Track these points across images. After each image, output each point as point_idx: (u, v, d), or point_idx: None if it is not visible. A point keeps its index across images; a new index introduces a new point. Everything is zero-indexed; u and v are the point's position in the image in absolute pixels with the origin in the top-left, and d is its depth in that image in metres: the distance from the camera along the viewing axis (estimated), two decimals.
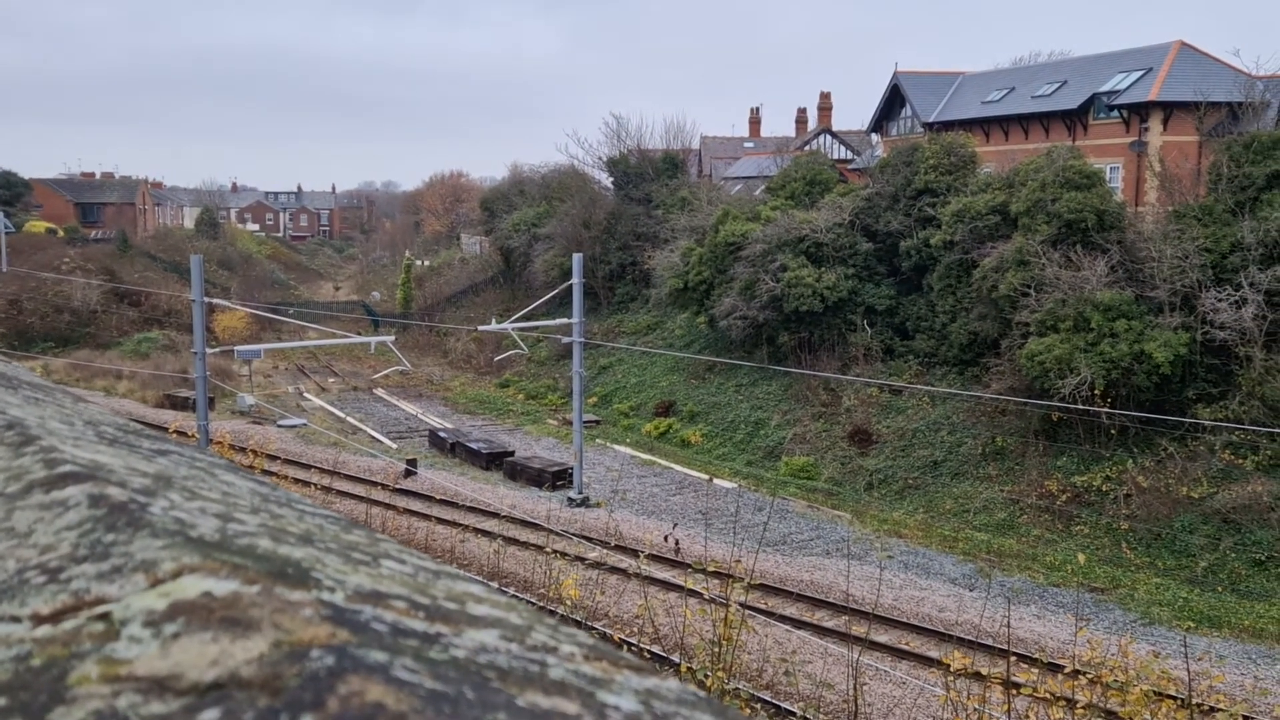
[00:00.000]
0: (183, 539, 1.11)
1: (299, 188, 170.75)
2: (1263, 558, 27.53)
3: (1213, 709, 16.45)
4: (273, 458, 31.64)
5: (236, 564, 1.04)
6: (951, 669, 12.22)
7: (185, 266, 57.44)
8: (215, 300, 39.87)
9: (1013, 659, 13.62)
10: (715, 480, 36.82)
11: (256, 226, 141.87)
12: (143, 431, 2.17)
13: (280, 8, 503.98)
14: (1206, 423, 30.21)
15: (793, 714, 19.05)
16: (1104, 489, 31.13)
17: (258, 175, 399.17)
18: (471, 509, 32.74)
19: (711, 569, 11.47)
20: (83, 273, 68.98)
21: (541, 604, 19.18)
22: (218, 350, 34.71)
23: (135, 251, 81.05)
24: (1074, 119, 47.37)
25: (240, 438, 34.59)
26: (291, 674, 0.82)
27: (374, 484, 35.55)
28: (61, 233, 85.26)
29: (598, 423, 44.39)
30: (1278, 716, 15.22)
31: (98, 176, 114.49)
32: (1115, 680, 11.84)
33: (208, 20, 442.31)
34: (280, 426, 40.62)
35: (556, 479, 36.22)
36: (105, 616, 0.96)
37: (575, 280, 33.06)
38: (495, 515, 31.41)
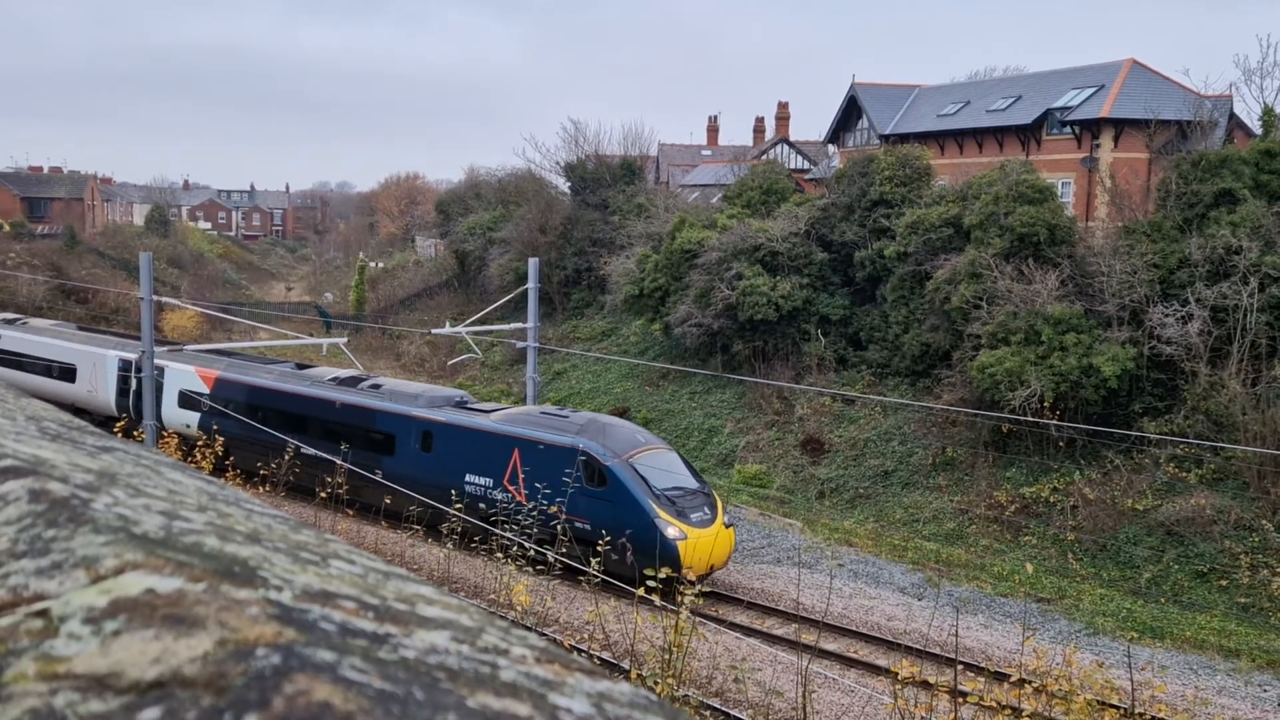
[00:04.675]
0: (126, 535, 1.09)
1: (252, 186, 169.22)
2: (1205, 570, 27.96)
3: (1154, 718, 16.68)
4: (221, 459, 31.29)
5: (181, 561, 1.02)
6: (900, 677, 12.30)
7: (134, 264, 56.65)
8: (165, 299, 39.48)
9: (960, 668, 13.75)
10: None
11: (209, 225, 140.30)
12: (87, 428, 2.13)
13: (241, 9, 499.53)
14: (1152, 436, 30.66)
15: None
16: (1052, 500, 31.49)
17: (211, 174, 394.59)
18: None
19: (664, 575, 11.46)
20: (29, 269, 67.88)
21: (492, 609, 19.10)
22: (166, 350, 34.43)
23: (83, 248, 79.85)
24: (1027, 134, 47.98)
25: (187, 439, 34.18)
26: (236, 673, 0.80)
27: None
28: (7, 227, 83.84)
29: None
30: None
31: (45, 171, 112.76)
32: (1060, 689, 11.97)
33: (167, 20, 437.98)
34: None
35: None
36: (44, 613, 0.94)
37: (530, 285, 32.97)
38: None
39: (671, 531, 25.16)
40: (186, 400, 35.76)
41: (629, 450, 26.64)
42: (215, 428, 32.94)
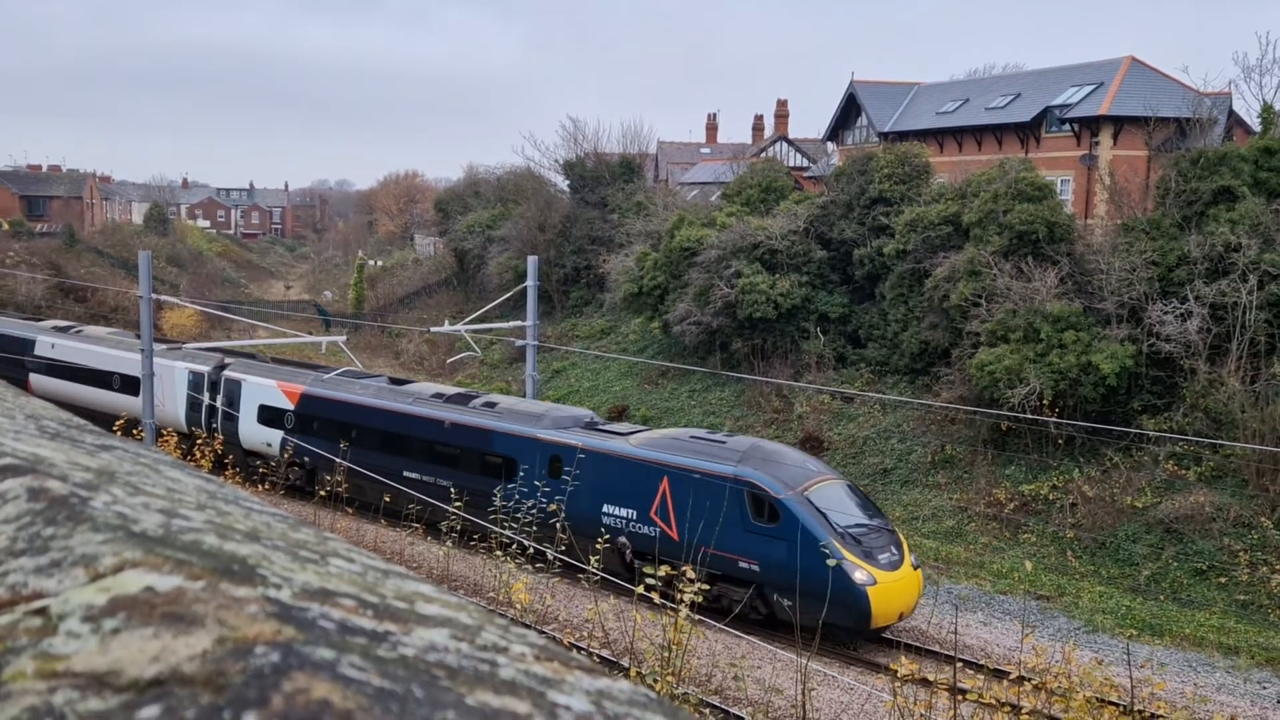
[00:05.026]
0: (125, 534, 1.09)
1: (251, 185, 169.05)
2: (1203, 567, 27.97)
3: (1154, 715, 16.69)
4: (219, 457, 31.30)
5: (180, 559, 1.02)
6: (899, 675, 12.31)
7: (133, 262, 56.65)
8: (164, 297, 39.38)
9: (959, 665, 13.76)
10: None
11: (208, 223, 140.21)
12: (86, 426, 2.13)
13: (240, 7, 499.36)
14: (1151, 434, 30.66)
15: (741, 719, 19.09)
16: (1051, 498, 31.50)
17: (210, 172, 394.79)
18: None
19: (663, 573, 11.47)
20: (28, 267, 67.85)
21: (492, 607, 19.08)
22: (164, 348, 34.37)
23: (82, 246, 79.83)
24: (1026, 131, 47.97)
25: (186, 438, 34.20)
26: (235, 671, 0.80)
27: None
28: (6, 226, 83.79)
29: None
30: None
31: (44, 169, 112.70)
32: (1059, 687, 11.98)
33: (167, 18, 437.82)
34: None
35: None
36: (43, 611, 0.94)
37: (530, 283, 32.98)
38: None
39: (860, 576, 22.33)
40: (267, 417, 33.71)
41: (803, 482, 23.81)
42: (299, 448, 31.81)
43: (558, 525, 24.67)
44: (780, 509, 23.11)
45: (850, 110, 58.86)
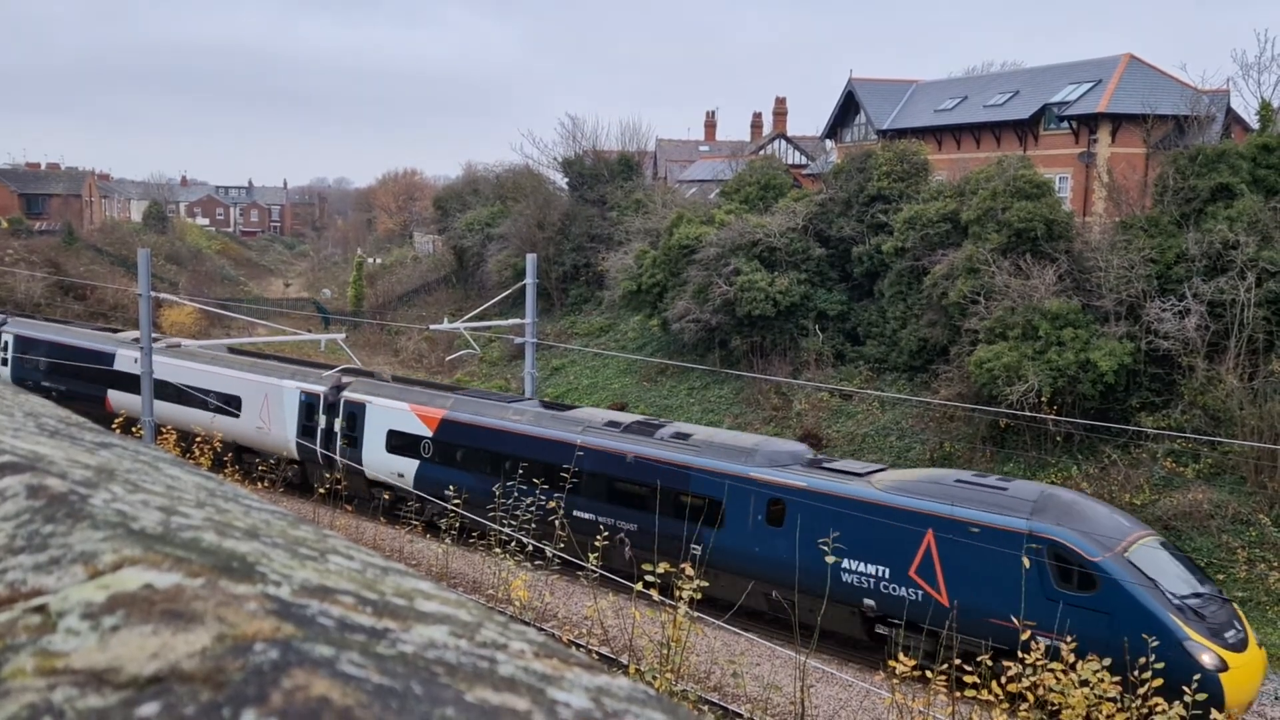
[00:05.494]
0: (124, 531, 1.09)
1: (250, 183, 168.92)
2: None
3: (1151, 711, 16.70)
4: (218, 455, 31.29)
5: (180, 557, 1.02)
6: (897, 672, 12.32)
7: (132, 260, 56.63)
8: (163, 295, 39.31)
9: (957, 661, 13.76)
10: None
11: (206, 221, 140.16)
12: (85, 424, 2.13)
13: (239, 5, 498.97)
14: (1149, 431, 30.69)
15: (740, 715, 19.10)
16: None
17: (209, 170, 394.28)
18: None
19: (661, 570, 11.47)
20: (26, 265, 67.82)
21: (491, 605, 19.09)
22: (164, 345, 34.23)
23: (81, 244, 79.80)
24: (1025, 129, 47.98)
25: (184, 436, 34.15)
26: (235, 668, 0.80)
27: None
28: (5, 224, 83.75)
29: None
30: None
31: (43, 167, 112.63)
32: (1057, 684, 11.99)
33: (166, 16, 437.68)
34: None
35: None
36: (42, 609, 0.94)
37: (529, 281, 32.98)
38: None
39: (1208, 659, 18.37)
40: (398, 444, 30.55)
41: (1120, 540, 19.94)
42: (438, 480, 28.70)
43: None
44: (1097, 574, 19.32)
45: (849, 108, 58.86)
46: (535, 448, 27.41)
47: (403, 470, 30.25)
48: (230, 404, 34.10)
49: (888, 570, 21.58)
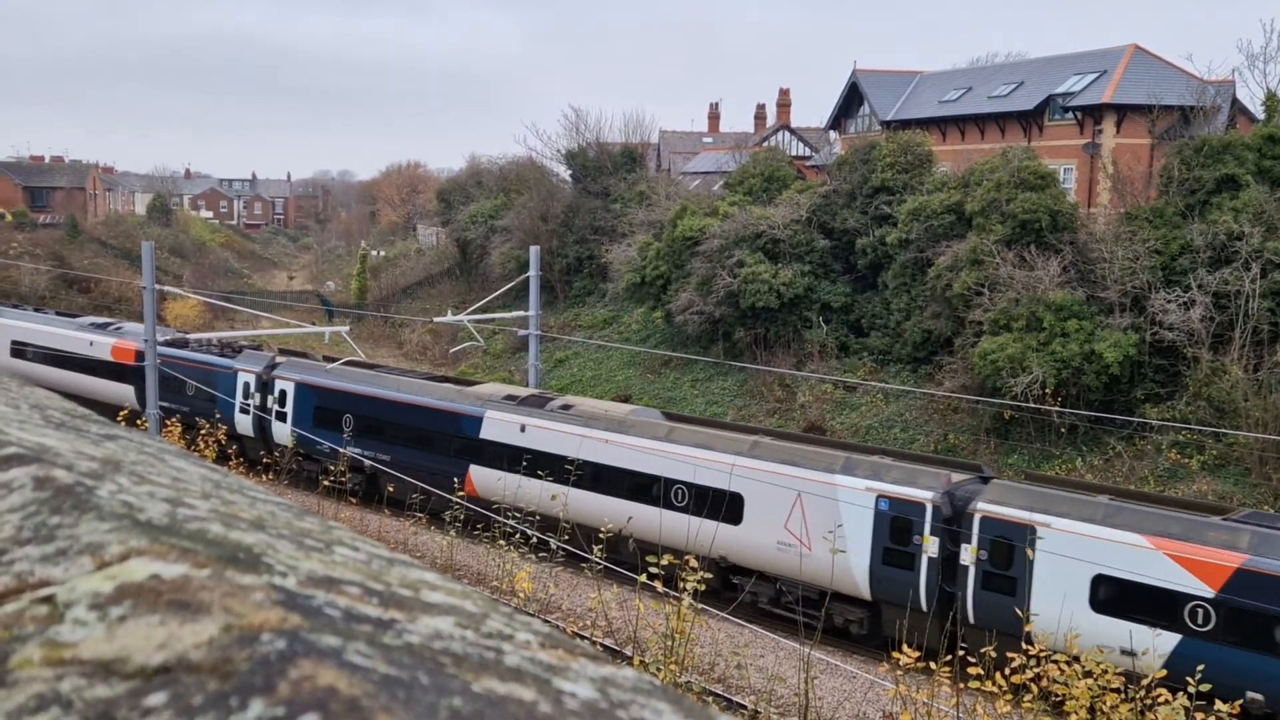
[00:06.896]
0: (131, 522, 1.09)
1: (253, 175, 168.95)
2: None
3: (1154, 702, 16.70)
4: (224, 448, 31.33)
5: (186, 548, 1.02)
6: (902, 663, 12.33)
7: (136, 253, 56.63)
8: (167, 288, 39.34)
9: (961, 653, 13.76)
10: None
11: (210, 214, 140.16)
12: (91, 416, 2.13)
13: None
14: (1154, 422, 30.65)
15: (744, 707, 19.13)
16: None
17: (212, 163, 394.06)
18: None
19: (666, 561, 11.48)
20: (31, 258, 67.89)
21: (496, 596, 19.09)
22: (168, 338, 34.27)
23: (85, 237, 79.89)
24: (1029, 120, 47.85)
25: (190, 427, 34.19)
26: (242, 658, 0.81)
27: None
28: (9, 217, 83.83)
29: None
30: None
31: (47, 160, 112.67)
32: (1061, 675, 12.00)
33: (169, 9, 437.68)
34: None
35: None
36: (49, 599, 0.94)
37: (532, 273, 32.97)
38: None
39: None
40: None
41: None
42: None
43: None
44: None
45: (853, 99, 58.72)
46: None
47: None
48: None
49: None
